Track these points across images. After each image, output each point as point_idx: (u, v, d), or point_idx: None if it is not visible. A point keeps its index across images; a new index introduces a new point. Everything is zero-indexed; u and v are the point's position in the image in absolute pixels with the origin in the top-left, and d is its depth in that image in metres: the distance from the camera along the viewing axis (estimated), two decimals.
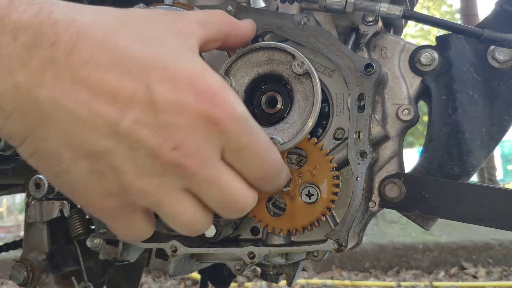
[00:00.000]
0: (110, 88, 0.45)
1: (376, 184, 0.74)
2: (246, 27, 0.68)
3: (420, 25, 9.99)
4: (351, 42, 0.76)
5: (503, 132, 0.74)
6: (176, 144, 0.47)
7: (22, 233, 1.67)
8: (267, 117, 0.70)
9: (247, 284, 3.61)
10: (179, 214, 0.52)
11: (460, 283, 3.38)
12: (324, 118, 0.73)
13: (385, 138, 0.74)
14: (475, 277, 3.53)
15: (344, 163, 0.71)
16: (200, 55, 0.57)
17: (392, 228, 4.25)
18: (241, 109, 0.51)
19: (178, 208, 0.51)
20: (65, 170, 0.48)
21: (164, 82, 0.47)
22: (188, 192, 0.51)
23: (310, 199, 0.70)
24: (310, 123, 0.66)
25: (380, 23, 0.78)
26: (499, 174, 6.00)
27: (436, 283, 3.44)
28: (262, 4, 0.99)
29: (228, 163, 0.52)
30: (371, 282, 3.66)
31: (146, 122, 0.46)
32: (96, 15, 0.48)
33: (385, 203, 0.73)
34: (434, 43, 0.77)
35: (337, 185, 0.70)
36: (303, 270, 3.89)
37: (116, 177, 0.48)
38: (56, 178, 0.50)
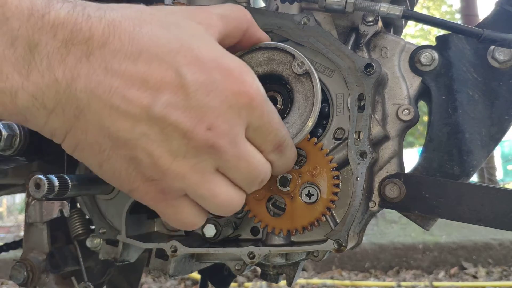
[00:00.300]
0: (141, 75, 0.47)
1: (376, 184, 0.74)
2: (263, 32, 0.68)
3: (420, 25, 9.99)
4: (351, 42, 0.76)
5: (503, 132, 0.74)
6: (210, 124, 0.49)
7: (22, 233, 1.67)
8: None
9: (247, 284, 3.61)
10: (216, 195, 0.53)
11: (460, 283, 3.38)
12: (324, 118, 0.73)
13: (385, 138, 0.74)
14: (475, 277, 3.52)
15: (344, 163, 0.71)
16: None
17: (392, 228, 4.25)
18: (262, 88, 0.54)
19: (214, 189, 0.53)
20: (106, 160, 0.50)
21: (190, 64, 0.49)
22: (219, 172, 0.53)
23: (310, 199, 0.70)
24: (310, 123, 0.67)
25: (380, 23, 0.78)
26: (499, 174, 6.00)
27: (436, 283, 3.43)
28: (262, 4, 0.99)
29: (248, 138, 0.54)
30: (371, 282, 3.65)
31: (178, 105, 0.48)
32: (124, 10, 0.50)
33: (385, 203, 0.73)
34: (434, 43, 0.77)
35: (337, 185, 0.70)
36: (303, 270, 3.89)
37: (152, 162, 0.50)
38: (100, 169, 0.52)
